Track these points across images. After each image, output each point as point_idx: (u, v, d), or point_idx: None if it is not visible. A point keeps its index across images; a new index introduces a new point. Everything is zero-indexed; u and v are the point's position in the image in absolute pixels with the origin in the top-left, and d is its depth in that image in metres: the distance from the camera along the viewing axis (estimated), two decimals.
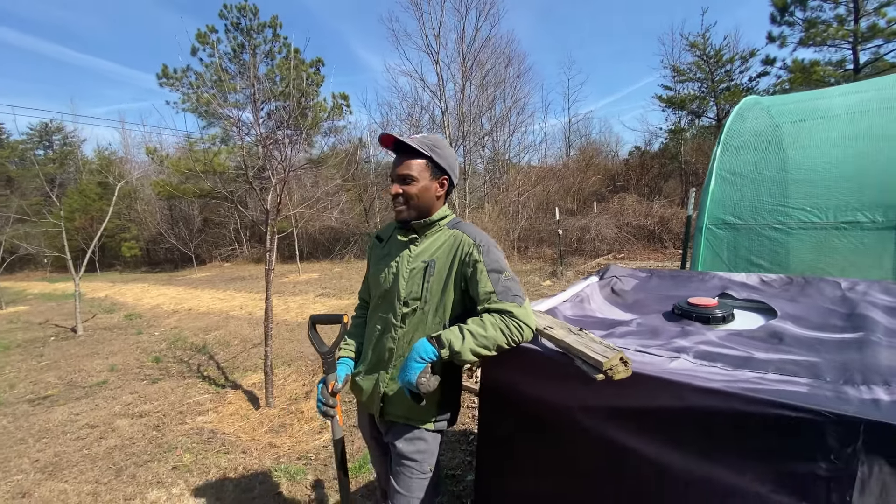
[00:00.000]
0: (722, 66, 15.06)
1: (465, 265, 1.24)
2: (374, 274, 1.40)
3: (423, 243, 1.32)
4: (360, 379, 1.39)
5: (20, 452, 3.13)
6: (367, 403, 1.37)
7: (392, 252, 1.37)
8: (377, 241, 1.46)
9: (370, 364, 1.36)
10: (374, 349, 1.35)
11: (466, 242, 1.26)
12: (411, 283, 1.28)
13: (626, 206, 12.91)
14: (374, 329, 1.36)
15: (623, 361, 0.93)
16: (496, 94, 16.30)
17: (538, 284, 7.77)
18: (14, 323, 8.49)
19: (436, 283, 1.26)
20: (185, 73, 17.64)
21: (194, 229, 20.56)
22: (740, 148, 3.07)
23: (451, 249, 1.27)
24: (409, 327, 1.28)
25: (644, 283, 1.95)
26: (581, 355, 0.99)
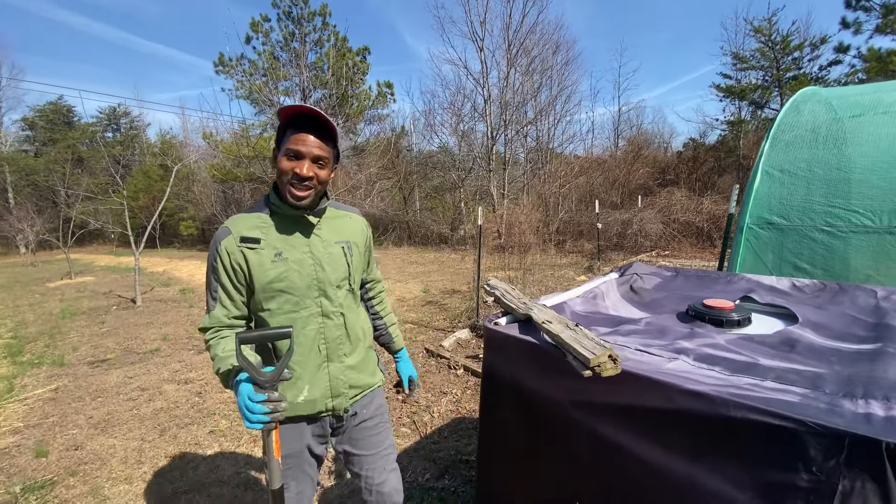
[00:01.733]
0: (789, 53, 13.92)
1: (367, 241, 1.44)
2: (280, 275, 1.18)
3: (324, 227, 1.29)
4: (303, 397, 1.23)
5: (77, 409, 3.49)
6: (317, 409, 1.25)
7: (290, 245, 1.22)
8: (246, 244, 1.18)
9: (317, 366, 1.25)
10: (324, 347, 1.25)
11: (363, 222, 1.44)
12: (335, 267, 1.27)
13: (675, 201, 12.32)
14: (308, 330, 1.23)
15: (612, 359, 0.93)
16: (542, 81, 15.94)
17: (572, 279, 7.62)
18: (81, 292, 9.35)
19: (357, 261, 1.36)
20: (239, 61, 18.41)
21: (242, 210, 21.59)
22: (791, 143, 2.86)
23: (359, 229, 1.40)
24: (346, 309, 1.30)
25: (667, 283, 1.89)
26: (571, 350, 0.99)
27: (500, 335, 1.26)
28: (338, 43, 19.38)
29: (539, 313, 1.23)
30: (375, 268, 1.56)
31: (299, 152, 1.15)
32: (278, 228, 1.22)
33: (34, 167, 24.98)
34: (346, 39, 19.62)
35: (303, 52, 18.85)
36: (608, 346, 0.94)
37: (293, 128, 1.17)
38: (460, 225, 15.33)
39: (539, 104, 16.35)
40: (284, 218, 1.23)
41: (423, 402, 3.21)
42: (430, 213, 17.44)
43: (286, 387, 1.22)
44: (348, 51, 19.34)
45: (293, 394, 1.22)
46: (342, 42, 19.45)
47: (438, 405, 3.14)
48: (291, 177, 1.15)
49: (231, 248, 1.17)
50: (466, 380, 3.59)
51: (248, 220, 1.21)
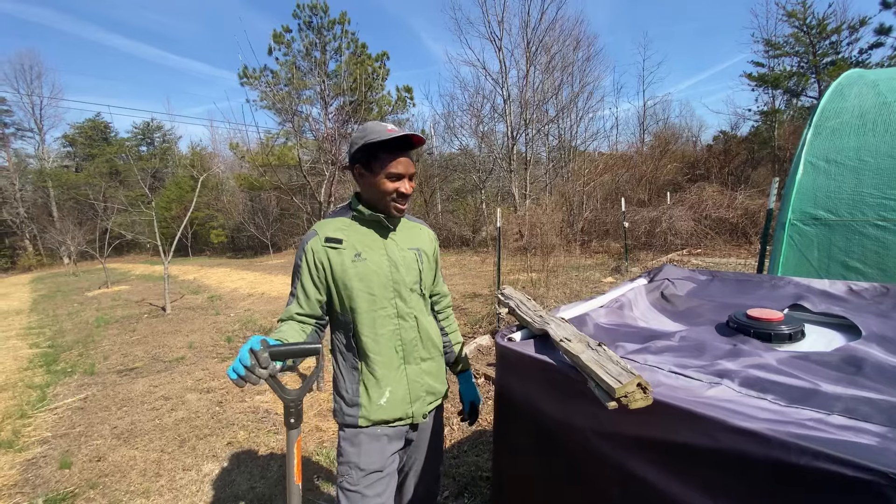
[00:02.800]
0: (826, 37, 13.17)
1: (435, 253, 1.48)
2: (359, 274, 1.26)
3: (399, 234, 1.37)
4: (386, 398, 1.27)
5: (103, 419, 3.54)
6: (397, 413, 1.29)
7: (368, 247, 1.30)
8: (331, 244, 1.27)
9: (396, 367, 1.30)
10: (400, 349, 1.31)
11: (432, 233, 1.51)
12: (408, 271, 1.33)
13: (706, 197, 11.78)
14: (386, 330, 1.29)
15: (642, 388, 0.79)
16: (563, 78, 15.61)
17: (598, 281, 7.36)
18: (116, 300, 9.69)
19: (427, 269, 1.41)
20: (262, 72, 18.82)
21: (271, 219, 22.11)
22: (838, 130, 2.62)
23: (428, 239, 1.46)
24: (419, 312, 1.36)
25: (702, 288, 1.71)
26: (593, 376, 0.86)
27: (514, 353, 1.13)
28: (357, 50, 19.58)
29: (557, 329, 1.10)
30: (442, 282, 1.57)
31: (401, 175, 1.26)
32: (359, 231, 1.31)
33: (75, 182, 26.29)
34: (366, 46, 19.79)
35: (323, 61, 19.14)
36: (636, 371, 0.80)
37: (387, 150, 1.24)
38: (482, 227, 15.17)
39: (560, 102, 16.04)
40: (365, 223, 1.33)
41: None
42: (452, 215, 17.35)
43: (371, 387, 1.28)
44: (367, 57, 19.50)
45: (377, 394, 1.28)
46: (361, 49, 19.63)
47: (458, 417, 3.02)
48: (396, 195, 1.27)
49: (316, 248, 1.27)
50: (488, 389, 3.46)
51: (332, 224, 1.32)
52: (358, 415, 1.27)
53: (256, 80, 18.84)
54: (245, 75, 18.83)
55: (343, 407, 1.31)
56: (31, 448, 3.19)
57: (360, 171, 1.28)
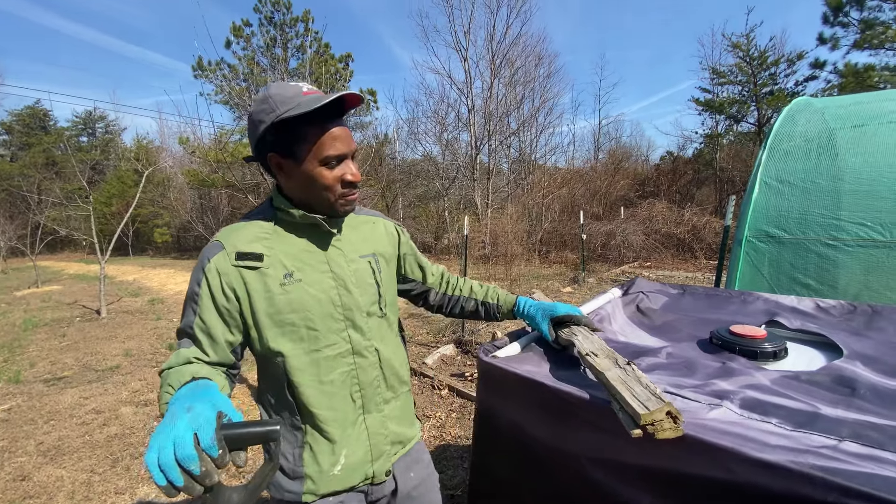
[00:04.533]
0: (766, 68, 14.29)
1: (405, 248, 1.19)
2: (291, 303, 0.90)
3: (345, 239, 1.01)
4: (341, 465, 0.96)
5: (28, 433, 3.15)
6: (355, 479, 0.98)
7: (305, 263, 0.94)
8: (244, 261, 0.88)
9: (353, 421, 0.98)
10: (358, 395, 0.98)
11: (392, 226, 1.18)
12: (363, 290, 0.99)
13: (656, 213, 12.40)
14: (336, 375, 0.95)
15: (672, 416, 0.71)
16: (525, 93, 16.01)
17: (558, 291, 7.49)
18: (46, 302, 8.80)
19: (387, 279, 1.09)
20: (219, 65, 18.01)
21: (221, 218, 21.04)
22: (790, 153, 2.77)
23: (386, 235, 1.13)
24: (380, 341, 1.02)
25: (675, 302, 1.71)
26: (618, 398, 0.78)
27: (499, 371, 1.05)
28: (320, 49, 19.16)
29: (584, 342, 1.03)
30: (432, 265, 1.27)
31: (342, 155, 0.90)
32: (287, 241, 0.94)
33: (9, 172, 23.95)
34: (329, 46, 19.43)
35: (284, 58, 18.56)
36: (665, 398, 0.73)
37: (313, 121, 0.86)
38: (444, 234, 15.16)
39: (522, 115, 16.41)
40: (296, 228, 0.95)
41: None
42: (414, 221, 17.22)
43: (321, 453, 0.94)
44: (331, 57, 19.13)
45: (328, 461, 0.95)
46: (325, 48, 19.24)
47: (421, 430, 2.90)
48: (344, 186, 0.91)
49: (224, 268, 0.87)
50: (451, 401, 3.36)
51: (247, 231, 0.92)
52: (302, 490, 0.94)
53: (212, 73, 17.99)
54: (200, 67, 17.96)
55: (281, 480, 0.96)
56: None
57: (279, 161, 0.90)
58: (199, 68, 17.94)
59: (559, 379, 0.98)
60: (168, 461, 0.55)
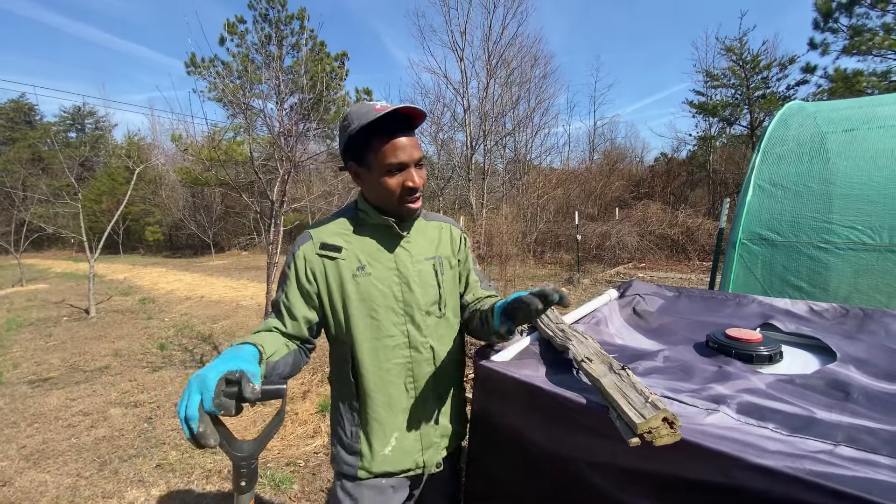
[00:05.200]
0: (759, 72, 14.43)
1: (461, 256, 1.21)
2: (360, 293, 1.02)
3: (413, 240, 1.10)
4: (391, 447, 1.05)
5: (10, 437, 3.08)
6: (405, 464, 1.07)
7: (376, 259, 1.05)
8: (326, 252, 1.03)
9: (405, 408, 1.07)
10: (411, 386, 1.07)
11: (457, 232, 1.21)
12: (424, 290, 1.07)
13: (650, 214, 12.48)
14: (393, 364, 1.04)
15: (668, 423, 0.71)
16: (520, 93, 16.03)
17: None
18: (31, 301, 8.67)
19: (450, 281, 1.14)
20: (212, 62, 17.84)
21: (214, 217, 20.86)
22: (783, 157, 2.79)
23: (450, 240, 1.18)
24: (436, 340, 1.10)
25: (671, 304, 1.72)
26: (614, 405, 0.77)
27: (497, 375, 1.04)
28: (315, 47, 19.06)
29: (579, 347, 1.02)
30: (482, 285, 1.23)
31: (404, 164, 0.99)
32: (363, 239, 1.07)
33: None
34: (324, 44, 19.32)
35: (279, 56, 18.44)
36: (662, 404, 0.73)
37: (380, 133, 0.96)
38: None
39: (517, 116, 16.44)
40: (371, 228, 1.08)
41: None
42: None
43: (374, 433, 1.05)
44: (326, 55, 19.04)
45: (380, 442, 1.05)
46: (320, 47, 19.14)
47: None
48: (404, 192, 1.01)
49: (309, 256, 1.03)
50: None
51: (330, 227, 1.08)
52: (358, 465, 1.06)
53: (206, 70, 17.82)
54: (193, 63, 17.78)
55: (341, 453, 1.09)
56: None
57: (356, 170, 1.04)
58: (192, 65, 17.76)
59: (556, 383, 0.98)
60: (181, 418, 0.69)
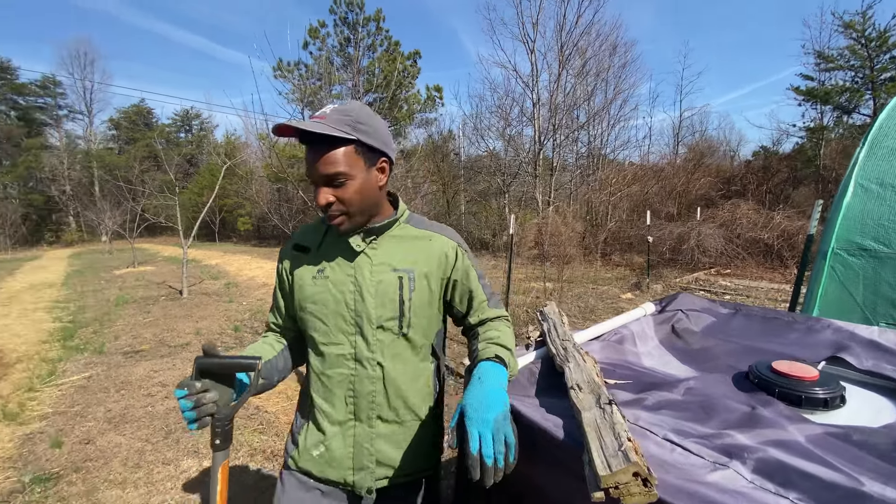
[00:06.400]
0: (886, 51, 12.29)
1: (456, 273, 1.05)
2: (314, 295, 1.00)
3: (382, 247, 1.01)
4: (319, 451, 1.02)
5: (100, 400, 3.53)
6: (332, 476, 1.02)
7: (337, 263, 1.01)
8: (298, 252, 1.05)
9: (342, 422, 1.01)
10: (351, 401, 1.00)
11: (450, 246, 1.05)
12: (380, 302, 0.98)
13: (740, 215, 11.20)
14: (336, 373, 1.00)
15: (641, 479, 0.58)
16: (596, 84, 15.20)
17: (616, 297, 7.03)
18: (139, 281, 9.93)
19: (421, 297, 1.01)
20: (296, 66, 19.16)
21: (294, 210, 22.45)
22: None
23: (436, 255, 1.03)
24: (388, 359, 0.99)
25: (722, 324, 1.49)
26: (587, 448, 0.66)
27: None
28: (390, 47, 19.65)
29: (574, 371, 0.90)
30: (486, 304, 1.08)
31: (313, 180, 0.93)
32: (332, 241, 1.03)
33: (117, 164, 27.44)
34: (399, 44, 19.88)
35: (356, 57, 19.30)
36: (634, 455, 0.60)
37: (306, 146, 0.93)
38: (503, 231, 14.94)
39: (592, 108, 15.61)
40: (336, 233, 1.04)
41: None
42: (474, 217, 17.17)
43: (310, 431, 1.04)
44: (400, 55, 19.56)
45: (312, 442, 1.02)
46: (394, 46, 19.71)
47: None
48: (320, 209, 0.95)
49: (286, 254, 1.09)
50: None
51: (309, 228, 1.10)
52: (290, 454, 1.06)
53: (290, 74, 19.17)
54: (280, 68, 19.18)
55: (288, 438, 1.10)
56: (31, 423, 3.20)
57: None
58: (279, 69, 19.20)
59: (548, 410, 0.87)
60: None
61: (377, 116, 0.97)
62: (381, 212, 1.02)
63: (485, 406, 0.76)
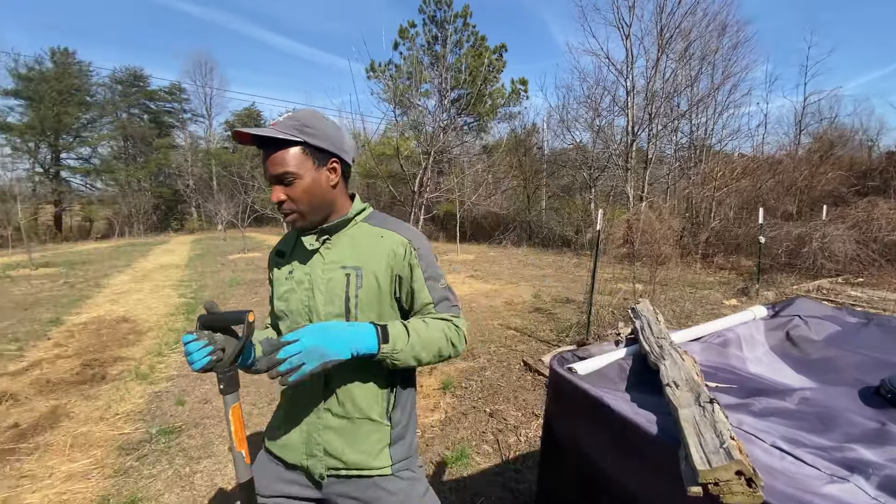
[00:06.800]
0: None
1: (401, 270, 1.04)
2: (282, 295, 1.08)
3: (336, 246, 1.05)
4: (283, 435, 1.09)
5: None
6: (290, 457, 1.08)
7: (298, 264, 1.08)
8: (278, 258, 1.14)
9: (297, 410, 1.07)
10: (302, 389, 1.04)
11: (399, 243, 1.04)
12: (328, 299, 1.02)
13: (878, 215, 9.54)
14: None
15: (745, 479, 0.57)
16: (701, 68, 13.82)
17: (718, 303, 6.40)
18: (249, 265, 11.18)
19: (369, 294, 1.02)
20: (387, 66, 20.06)
21: (382, 205, 23.67)
22: None
23: (382, 253, 1.04)
24: None
25: (850, 334, 1.32)
26: (684, 443, 0.65)
27: (568, 384, 0.97)
28: (476, 42, 19.72)
29: (671, 368, 0.89)
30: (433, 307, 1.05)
31: (269, 179, 1.00)
32: (300, 243, 1.09)
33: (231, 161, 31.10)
34: (485, 38, 19.88)
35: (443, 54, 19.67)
36: (739, 453, 0.59)
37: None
38: (587, 228, 14.32)
39: (695, 94, 14.24)
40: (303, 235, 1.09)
41: (511, 420, 2.95)
42: (555, 213, 16.66)
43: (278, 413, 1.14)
44: (486, 49, 19.54)
45: (277, 426, 1.11)
46: (480, 41, 19.74)
47: (528, 428, 2.84)
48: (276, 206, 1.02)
49: (271, 260, 1.16)
50: None
51: (289, 234, 1.18)
52: (266, 433, 1.14)
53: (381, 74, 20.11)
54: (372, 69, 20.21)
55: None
56: (159, 383, 3.80)
57: None
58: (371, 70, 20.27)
59: (639, 405, 0.86)
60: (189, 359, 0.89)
61: (327, 120, 1.04)
62: (337, 210, 1.06)
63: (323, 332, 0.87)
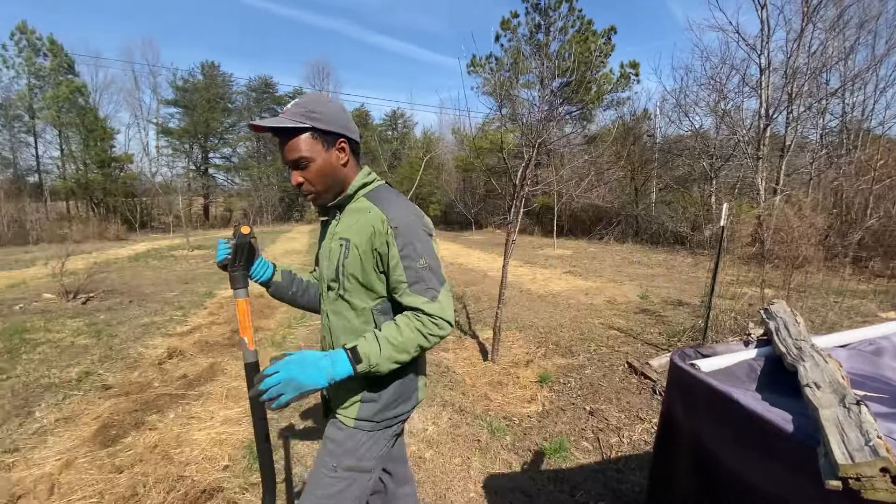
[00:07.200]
0: None
1: (380, 247, 1.08)
2: (316, 258, 1.33)
3: (341, 220, 1.19)
4: None
5: None
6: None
7: (323, 233, 1.27)
8: (322, 228, 1.31)
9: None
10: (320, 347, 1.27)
11: (378, 219, 1.08)
12: (329, 264, 1.17)
13: None
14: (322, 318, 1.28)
15: (891, 477, 0.55)
16: (858, 37, 11.57)
17: (871, 315, 5.38)
18: (288, 255, 12.18)
19: (353, 264, 1.11)
20: (487, 59, 20.12)
21: (477, 198, 23.90)
22: None
23: (366, 226, 1.10)
24: (332, 314, 1.20)
25: None
26: (825, 440, 0.64)
27: (692, 379, 0.95)
28: (582, 27, 18.82)
29: (811, 370, 0.85)
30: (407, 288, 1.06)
31: (286, 164, 1.12)
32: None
33: None
34: (591, 22, 18.88)
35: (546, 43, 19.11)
36: (887, 449, 0.56)
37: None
38: (705, 224, 12.89)
39: (851, 69, 11.96)
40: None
41: (613, 421, 2.86)
42: (667, 207, 15.28)
43: None
44: (592, 34, 18.55)
45: None
46: (587, 25, 18.79)
47: (631, 430, 2.73)
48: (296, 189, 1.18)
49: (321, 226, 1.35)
50: None
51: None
52: None
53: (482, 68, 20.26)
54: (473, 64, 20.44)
55: None
56: (290, 350, 4.38)
57: None
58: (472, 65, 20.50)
59: (768, 402, 0.83)
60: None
61: (331, 103, 1.13)
62: (348, 186, 1.18)
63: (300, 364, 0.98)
